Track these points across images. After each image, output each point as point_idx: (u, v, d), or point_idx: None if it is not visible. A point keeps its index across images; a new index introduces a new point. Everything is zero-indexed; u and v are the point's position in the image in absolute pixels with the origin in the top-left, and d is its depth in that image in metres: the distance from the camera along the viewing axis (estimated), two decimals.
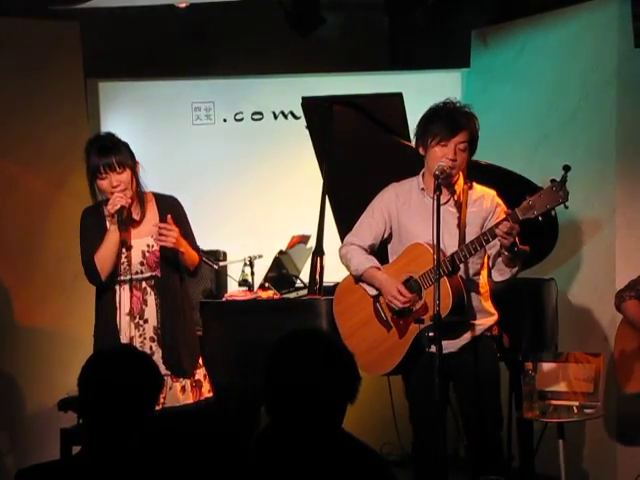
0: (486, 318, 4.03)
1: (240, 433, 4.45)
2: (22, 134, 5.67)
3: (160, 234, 4.08)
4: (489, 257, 4.01)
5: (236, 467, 2.60)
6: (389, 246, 4.13)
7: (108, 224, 4.15)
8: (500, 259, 3.93)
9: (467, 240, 3.91)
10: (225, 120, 6.28)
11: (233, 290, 5.03)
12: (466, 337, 3.98)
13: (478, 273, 4.02)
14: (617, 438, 5.18)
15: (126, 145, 4.16)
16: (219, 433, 4.47)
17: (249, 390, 4.28)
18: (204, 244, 5.11)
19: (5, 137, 5.63)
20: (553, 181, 3.69)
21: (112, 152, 4.09)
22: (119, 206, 4.06)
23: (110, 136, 4.23)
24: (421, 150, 3.97)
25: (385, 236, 4.10)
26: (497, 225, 3.76)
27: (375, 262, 4.06)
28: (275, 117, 6.27)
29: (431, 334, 3.72)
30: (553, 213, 3.76)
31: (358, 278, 4.09)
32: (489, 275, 4.05)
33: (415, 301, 3.93)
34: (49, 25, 5.79)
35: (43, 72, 5.75)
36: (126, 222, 4.11)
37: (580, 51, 5.47)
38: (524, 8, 5.75)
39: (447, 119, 3.90)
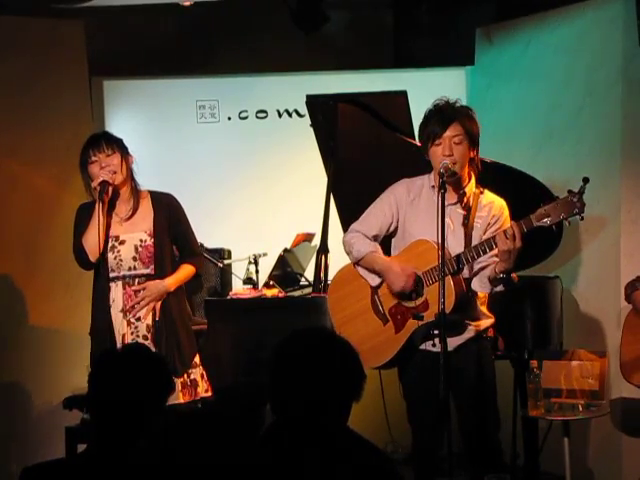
0: (483, 320, 4.02)
1: (245, 432, 4.45)
2: (26, 133, 5.67)
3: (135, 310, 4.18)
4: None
5: (241, 466, 2.60)
6: (393, 240, 4.11)
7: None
8: (486, 272, 3.88)
9: (472, 243, 3.90)
10: (230, 118, 6.28)
11: (238, 288, 5.03)
12: (463, 337, 3.96)
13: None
14: (622, 436, 5.17)
15: (119, 138, 4.22)
16: (224, 432, 4.47)
17: (254, 388, 4.28)
18: (209, 242, 5.12)
19: (9, 136, 5.63)
20: (570, 192, 3.70)
21: (101, 138, 4.19)
22: (101, 179, 4.09)
23: (103, 131, 4.38)
24: (427, 156, 3.98)
25: (391, 229, 4.08)
26: (503, 230, 3.75)
27: (378, 248, 4.04)
28: (279, 115, 6.27)
29: (436, 332, 3.71)
30: (567, 223, 3.76)
31: (358, 262, 4.06)
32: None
33: (417, 297, 3.92)
34: (53, 24, 5.80)
35: (47, 71, 5.75)
36: (111, 200, 4.16)
37: (585, 49, 5.46)
38: (529, 6, 5.74)
39: (436, 117, 3.91)
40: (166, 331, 4.19)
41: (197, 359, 4.29)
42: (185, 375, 4.21)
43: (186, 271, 4.28)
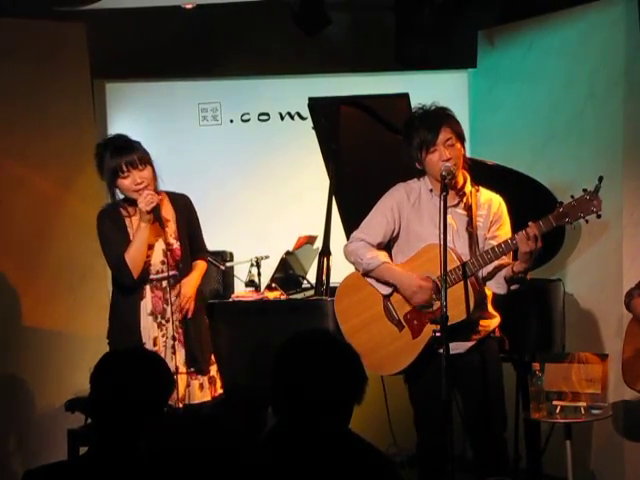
0: (492, 320, 4.03)
1: (247, 433, 4.45)
2: (29, 135, 5.67)
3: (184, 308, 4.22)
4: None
5: (244, 467, 2.60)
6: (395, 245, 4.10)
7: (127, 224, 4.16)
8: (502, 272, 3.91)
9: (478, 243, 3.91)
10: (232, 121, 6.28)
11: (240, 291, 5.03)
12: (474, 338, 3.97)
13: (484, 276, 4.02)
14: (624, 439, 5.17)
15: (140, 143, 4.19)
16: (226, 433, 4.47)
17: (256, 391, 4.28)
18: (211, 244, 5.10)
19: (12, 138, 5.63)
20: (586, 190, 3.70)
21: (132, 150, 4.14)
22: (154, 203, 4.07)
23: (123, 136, 4.26)
24: (418, 165, 3.97)
25: (394, 235, 4.07)
26: (524, 232, 3.75)
27: (388, 258, 4.04)
28: (282, 118, 6.27)
29: (438, 334, 3.71)
30: (586, 221, 3.76)
31: (368, 274, 4.04)
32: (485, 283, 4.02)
33: (433, 301, 3.91)
34: (55, 26, 5.79)
35: (50, 73, 5.75)
36: (159, 220, 4.15)
37: (587, 51, 5.46)
38: (531, 8, 5.74)
39: (423, 125, 3.90)
40: (194, 330, 4.22)
41: (212, 356, 4.33)
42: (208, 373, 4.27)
43: (203, 268, 4.38)
